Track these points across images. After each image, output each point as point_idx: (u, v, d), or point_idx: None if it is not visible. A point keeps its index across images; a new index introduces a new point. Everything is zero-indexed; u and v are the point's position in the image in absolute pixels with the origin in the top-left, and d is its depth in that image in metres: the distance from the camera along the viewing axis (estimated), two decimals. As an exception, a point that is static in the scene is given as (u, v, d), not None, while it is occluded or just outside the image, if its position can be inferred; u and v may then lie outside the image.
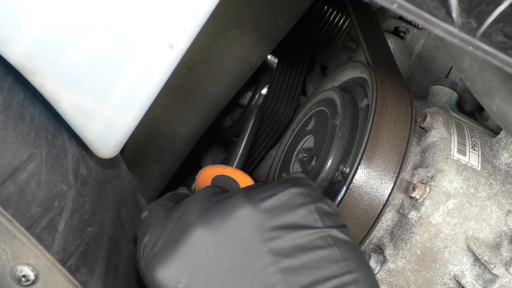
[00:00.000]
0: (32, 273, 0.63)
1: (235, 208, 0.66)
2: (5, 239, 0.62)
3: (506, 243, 0.84)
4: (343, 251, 0.65)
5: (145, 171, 1.46)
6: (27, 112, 0.72)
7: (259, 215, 0.66)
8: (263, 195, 0.68)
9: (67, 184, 0.73)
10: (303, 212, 0.67)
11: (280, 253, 0.64)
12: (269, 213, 0.66)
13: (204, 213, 0.67)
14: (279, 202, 0.67)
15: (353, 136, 0.97)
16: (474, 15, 0.52)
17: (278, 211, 0.66)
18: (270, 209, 0.66)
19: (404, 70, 1.33)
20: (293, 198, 0.68)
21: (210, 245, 0.64)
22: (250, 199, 0.67)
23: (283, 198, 0.67)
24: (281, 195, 0.68)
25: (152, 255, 0.67)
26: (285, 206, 0.67)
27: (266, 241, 0.64)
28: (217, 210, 0.67)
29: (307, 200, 0.68)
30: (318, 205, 0.68)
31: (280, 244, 0.64)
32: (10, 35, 0.62)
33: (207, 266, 0.64)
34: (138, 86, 0.66)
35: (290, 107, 1.45)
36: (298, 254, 0.64)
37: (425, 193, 0.85)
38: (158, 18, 0.62)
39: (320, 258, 0.64)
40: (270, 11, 1.23)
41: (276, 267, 0.63)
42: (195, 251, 0.65)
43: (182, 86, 1.31)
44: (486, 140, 0.93)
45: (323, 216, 0.67)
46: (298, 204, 0.67)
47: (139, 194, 0.93)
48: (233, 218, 0.65)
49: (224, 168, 0.83)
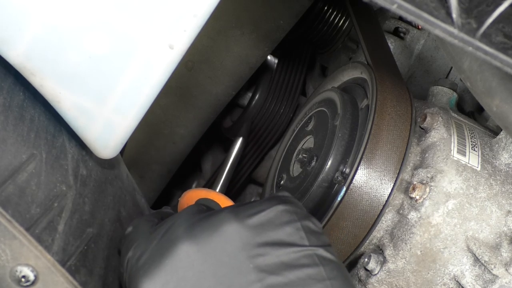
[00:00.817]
0: (32, 274, 0.63)
1: (222, 223, 0.66)
2: (4, 240, 0.62)
3: (506, 243, 0.84)
4: (328, 270, 0.65)
5: (145, 172, 1.46)
6: (27, 113, 0.72)
7: (246, 231, 0.66)
8: (250, 212, 0.68)
9: (67, 185, 0.73)
10: (289, 230, 0.67)
11: (265, 270, 0.64)
12: (255, 230, 0.66)
13: (190, 228, 0.67)
14: (266, 218, 0.67)
15: (353, 137, 0.97)
16: (474, 15, 0.52)
17: (264, 228, 0.66)
18: (257, 225, 0.66)
19: (404, 70, 1.33)
20: (279, 215, 0.68)
21: (196, 260, 0.64)
22: (237, 215, 0.67)
23: (270, 215, 0.67)
24: (267, 211, 0.68)
25: (137, 269, 0.67)
26: (272, 223, 0.67)
27: (252, 257, 0.64)
28: (204, 225, 0.67)
29: (294, 218, 0.68)
30: (304, 223, 0.68)
31: (266, 261, 0.64)
32: (10, 35, 0.62)
33: (192, 281, 0.64)
34: (138, 87, 0.66)
35: (290, 107, 1.45)
36: (283, 271, 0.64)
37: (425, 193, 0.85)
38: (158, 19, 0.62)
39: (305, 276, 0.64)
40: (270, 11, 1.23)
41: (262, 284, 0.63)
42: (180, 265, 0.64)
43: (182, 86, 1.31)
44: (486, 141, 0.93)
45: (309, 234, 0.67)
46: (285, 222, 0.67)
47: (139, 195, 0.93)
48: (220, 234, 0.65)
49: (208, 192, 0.83)
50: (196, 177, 1.76)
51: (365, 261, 0.88)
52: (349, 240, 0.90)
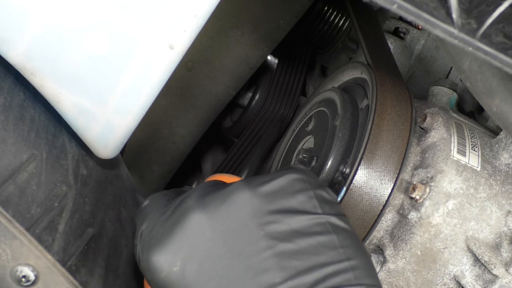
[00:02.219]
0: (32, 274, 0.63)
1: (233, 192, 0.65)
2: (5, 240, 0.62)
3: (506, 243, 0.84)
4: (341, 238, 0.64)
5: (145, 172, 1.46)
6: (27, 113, 0.72)
7: (257, 199, 0.65)
8: (261, 180, 0.67)
9: (67, 185, 0.73)
10: (302, 198, 0.66)
11: (276, 237, 0.63)
12: (267, 197, 0.65)
13: (202, 198, 0.66)
14: (278, 186, 0.66)
15: (353, 137, 0.97)
16: (474, 15, 0.52)
17: (276, 196, 0.65)
18: (269, 193, 0.65)
19: (404, 70, 1.33)
20: (292, 183, 0.67)
21: (206, 228, 0.64)
22: (249, 184, 0.66)
23: (282, 183, 0.66)
24: (280, 179, 0.67)
25: (149, 239, 0.66)
26: (284, 191, 0.66)
27: (263, 225, 0.63)
28: (216, 195, 0.66)
29: (307, 186, 0.67)
30: (318, 192, 0.67)
31: (277, 228, 0.63)
32: (10, 35, 0.62)
33: (202, 249, 0.63)
34: (138, 87, 0.66)
35: (290, 107, 1.45)
36: (295, 238, 0.63)
37: (425, 193, 0.85)
38: (158, 19, 0.62)
39: (317, 243, 0.63)
40: (270, 11, 1.23)
41: (272, 251, 0.62)
42: (191, 234, 0.64)
43: (182, 86, 1.31)
44: (486, 141, 0.93)
45: (322, 203, 0.66)
46: (297, 190, 0.66)
47: (139, 195, 0.93)
48: (231, 202, 0.65)
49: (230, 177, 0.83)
50: (196, 177, 1.76)
51: (365, 261, 0.88)
52: (349, 240, 0.90)
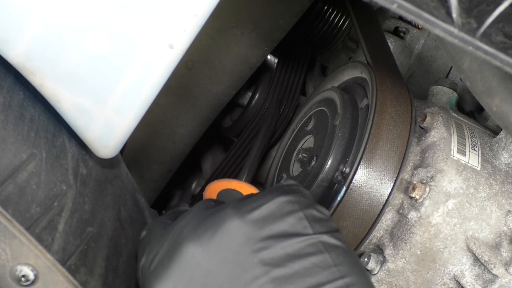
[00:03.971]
0: (32, 273, 0.63)
1: (224, 221, 0.66)
2: (5, 239, 0.62)
3: (506, 243, 0.84)
4: (334, 257, 0.65)
5: (145, 171, 1.46)
6: (27, 112, 0.72)
7: (248, 227, 0.66)
8: (251, 206, 0.68)
9: (67, 184, 0.73)
10: (292, 220, 0.67)
11: (270, 263, 0.64)
12: (257, 224, 0.66)
13: (195, 228, 0.67)
14: (267, 211, 0.67)
15: (353, 136, 0.97)
16: (474, 15, 0.52)
17: (266, 221, 0.66)
18: (259, 219, 0.66)
19: (404, 70, 1.33)
20: (281, 206, 0.68)
21: (202, 260, 0.65)
22: (239, 211, 0.67)
23: (271, 208, 0.67)
24: (269, 204, 0.68)
25: (149, 274, 0.68)
26: (274, 216, 0.67)
27: (256, 251, 0.64)
28: (208, 224, 0.67)
29: (296, 208, 0.68)
30: (307, 212, 0.68)
31: (270, 254, 0.64)
32: (10, 35, 0.62)
33: (200, 281, 0.64)
34: (138, 86, 0.66)
35: (290, 107, 1.45)
36: (288, 262, 0.64)
37: (425, 193, 0.85)
38: (158, 18, 0.62)
39: (311, 265, 0.64)
40: (270, 11, 1.23)
41: (267, 277, 0.63)
42: (188, 267, 0.65)
43: (182, 86, 1.31)
44: (486, 140, 0.93)
45: (313, 222, 0.67)
46: (287, 212, 0.67)
47: (139, 194, 0.93)
48: (223, 231, 0.66)
49: (229, 182, 0.83)
50: (196, 177, 1.76)
51: (365, 260, 0.88)
52: (349, 240, 0.90)
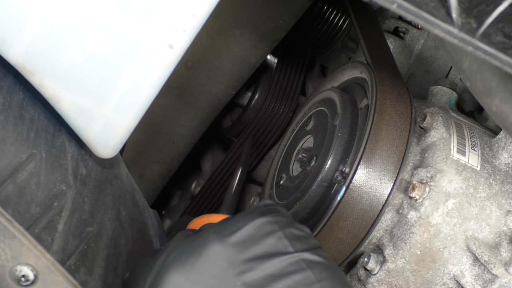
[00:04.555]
0: (32, 273, 0.63)
1: (205, 246, 0.67)
2: (4, 239, 0.62)
3: (505, 243, 0.84)
4: (317, 273, 0.65)
5: (144, 171, 1.46)
6: (27, 112, 0.72)
7: (229, 250, 0.66)
8: (230, 229, 0.68)
9: (67, 184, 0.73)
10: (272, 240, 0.67)
11: (254, 285, 0.64)
12: (238, 247, 0.66)
13: (177, 257, 0.67)
14: (247, 234, 0.67)
15: (352, 136, 0.97)
16: (474, 15, 0.52)
17: (247, 243, 0.66)
18: (239, 242, 0.66)
19: (403, 70, 1.33)
20: (260, 228, 0.68)
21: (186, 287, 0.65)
22: (218, 235, 0.67)
23: (250, 230, 0.68)
24: (248, 227, 0.68)
25: None
26: (254, 237, 0.67)
27: (239, 274, 0.64)
28: (189, 251, 0.67)
29: (275, 228, 0.68)
30: (287, 231, 0.68)
31: (253, 276, 0.64)
32: (9, 35, 0.62)
33: None
34: (138, 86, 0.66)
35: (290, 107, 1.45)
36: (272, 283, 0.64)
37: (425, 193, 0.85)
38: (158, 18, 0.62)
39: (294, 283, 0.64)
40: (269, 11, 1.23)
41: None
42: None
43: (181, 86, 1.31)
44: (486, 140, 0.93)
45: (293, 240, 0.67)
46: (266, 233, 0.67)
47: (139, 194, 0.93)
48: (205, 257, 0.66)
49: (208, 217, 0.84)
50: (196, 177, 1.76)
51: (364, 260, 0.88)
52: (349, 240, 0.90)
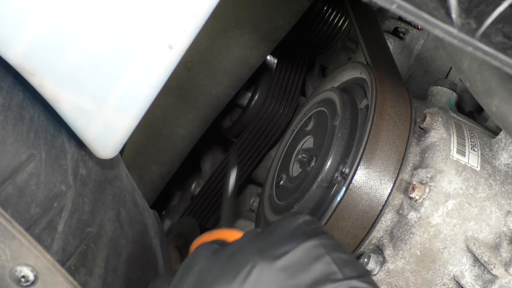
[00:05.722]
0: (32, 274, 0.63)
1: (253, 268, 0.64)
2: (4, 240, 0.62)
3: (505, 243, 0.84)
4: None
5: (144, 172, 1.46)
6: (27, 113, 0.72)
7: (278, 275, 0.63)
8: (276, 251, 0.65)
9: (67, 185, 0.73)
10: (320, 267, 0.64)
11: None
12: (286, 272, 0.64)
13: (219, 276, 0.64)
14: (295, 258, 0.65)
15: (352, 137, 0.97)
16: (474, 15, 0.52)
17: (295, 269, 0.64)
18: (287, 267, 0.64)
19: (403, 70, 1.33)
20: (308, 252, 0.65)
21: None
22: (264, 257, 0.65)
23: (298, 255, 0.65)
24: (296, 251, 0.65)
25: None
26: (302, 262, 0.65)
27: None
28: (232, 271, 0.64)
29: (322, 252, 0.65)
30: (335, 255, 0.66)
31: None
32: (9, 36, 0.62)
33: None
34: (138, 87, 0.66)
35: (290, 107, 1.45)
36: None
37: (425, 193, 0.85)
38: (158, 19, 0.62)
39: None
40: (269, 11, 1.23)
41: None
42: None
43: (181, 86, 1.31)
44: (486, 141, 0.93)
45: (341, 266, 0.65)
46: (314, 258, 0.65)
47: (139, 195, 0.93)
48: (252, 280, 0.63)
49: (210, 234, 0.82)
50: (196, 177, 1.76)
51: (364, 261, 0.88)
52: (349, 241, 0.90)
